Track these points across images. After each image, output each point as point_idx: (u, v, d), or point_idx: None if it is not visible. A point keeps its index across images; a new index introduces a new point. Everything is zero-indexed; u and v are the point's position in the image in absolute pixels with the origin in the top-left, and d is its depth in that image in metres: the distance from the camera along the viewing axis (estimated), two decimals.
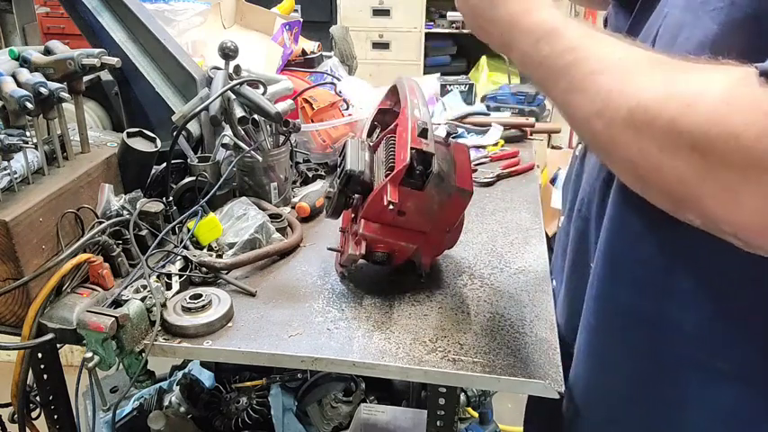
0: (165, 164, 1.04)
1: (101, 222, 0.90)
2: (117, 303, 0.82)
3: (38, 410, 0.94)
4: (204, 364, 1.52)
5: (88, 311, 0.78)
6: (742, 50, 0.48)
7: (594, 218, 0.75)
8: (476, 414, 1.57)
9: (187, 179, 1.07)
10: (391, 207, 0.79)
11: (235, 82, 1.08)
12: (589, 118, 0.55)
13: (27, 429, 0.92)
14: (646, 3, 0.67)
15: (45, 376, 0.93)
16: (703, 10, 0.54)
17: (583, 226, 0.78)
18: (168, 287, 0.89)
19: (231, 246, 0.98)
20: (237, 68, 1.15)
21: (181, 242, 0.97)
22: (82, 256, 0.84)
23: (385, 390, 1.44)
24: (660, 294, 0.65)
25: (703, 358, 0.64)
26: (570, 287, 0.84)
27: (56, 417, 0.96)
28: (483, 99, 1.83)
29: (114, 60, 0.94)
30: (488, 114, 1.65)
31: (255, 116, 1.10)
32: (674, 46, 0.57)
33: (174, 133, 1.03)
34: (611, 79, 0.53)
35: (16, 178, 0.84)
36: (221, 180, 1.06)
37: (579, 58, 0.56)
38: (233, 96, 1.09)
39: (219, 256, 0.97)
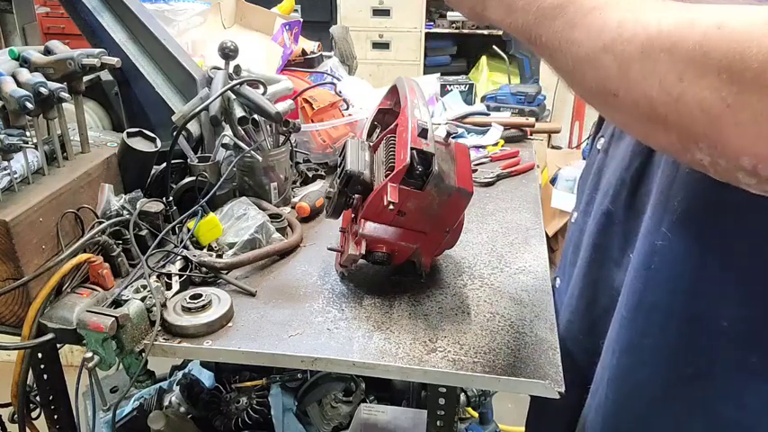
0: (165, 164, 1.03)
1: (101, 222, 0.90)
2: (117, 303, 0.82)
3: (38, 410, 0.95)
4: (204, 364, 1.52)
5: (88, 311, 0.78)
6: None
7: (623, 210, 0.73)
8: (476, 414, 1.57)
9: (187, 179, 1.07)
10: (391, 207, 0.78)
11: (235, 82, 1.08)
12: (595, 54, 0.50)
13: (27, 429, 0.91)
14: None
15: (45, 376, 0.93)
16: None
17: (605, 220, 0.77)
18: (168, 287, 0.89)
19: (231, 246, 0.98)
20: (237, 68, 1.15)
21: (181, 242, 0.97)
22: (82, 256, 0.84)
23: (385, 390, 1.44)
24: (694, 290, 0.63)
25: (740, 355, 0.62)
26: (589, 281, 0.82)
27: (56, 417, 0.96)
28: (483, 99, 1.83)
29: (114, 60, 0.94)
30: (488, 114, 1.65)
31: (255, 116, 1.10)
32: None
33: (174, 133, 1.03)
34: (621, 11, 0.49)
35: (16, 178, 0.84)
36: (221, 180, 1.06)
37: None
38: (233, 96, 1.09)
39: (219, 256, 0.97)
